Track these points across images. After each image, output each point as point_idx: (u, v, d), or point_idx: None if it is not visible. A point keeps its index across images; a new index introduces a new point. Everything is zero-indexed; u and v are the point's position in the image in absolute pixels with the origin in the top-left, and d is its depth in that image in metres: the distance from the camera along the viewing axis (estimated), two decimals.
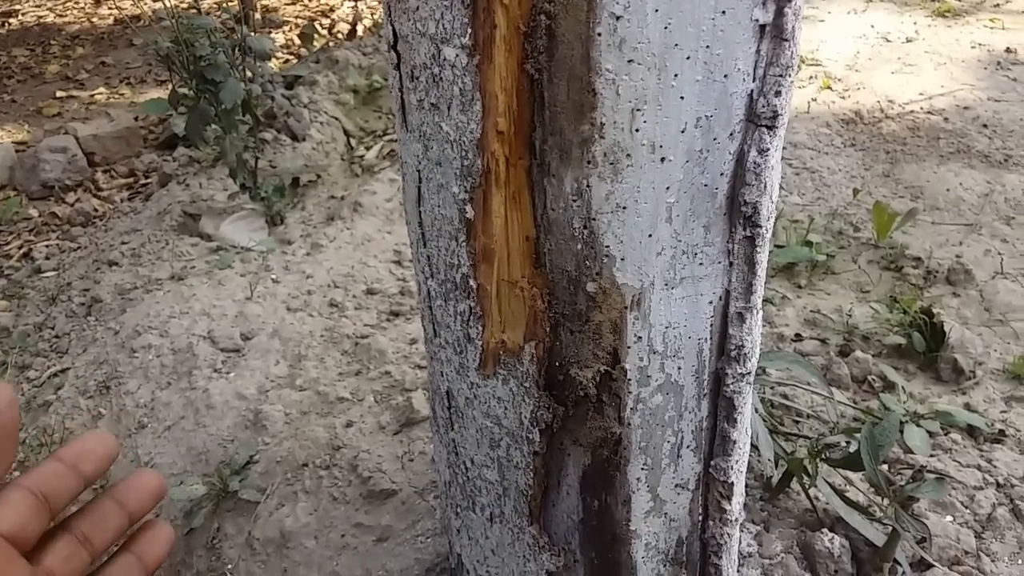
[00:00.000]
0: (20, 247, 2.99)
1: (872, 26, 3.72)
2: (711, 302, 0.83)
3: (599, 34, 0.66)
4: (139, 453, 1.84)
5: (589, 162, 0.72)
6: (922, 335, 1.87)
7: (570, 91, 0.70)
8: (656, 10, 0.65)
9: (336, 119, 3.36)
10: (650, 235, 0.77)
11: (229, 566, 1.60)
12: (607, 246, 0.77)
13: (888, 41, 3.57)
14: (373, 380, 1.92)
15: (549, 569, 1.05)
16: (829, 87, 3.19)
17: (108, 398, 2.01)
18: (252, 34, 2.54)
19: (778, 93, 0.71)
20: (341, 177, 3.07)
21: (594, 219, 0.76)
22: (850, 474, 1.50)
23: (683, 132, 0.71)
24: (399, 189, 2.78)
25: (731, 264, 0.81)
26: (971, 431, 1.66)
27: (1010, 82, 3.17)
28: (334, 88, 3.50)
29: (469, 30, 0.69)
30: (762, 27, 0.69)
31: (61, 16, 5.84)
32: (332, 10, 5.26)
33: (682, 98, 0.69)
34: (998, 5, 3.99)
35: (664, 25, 0.65)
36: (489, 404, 0.95)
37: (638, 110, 0.69)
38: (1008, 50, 3.40)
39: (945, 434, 1.64)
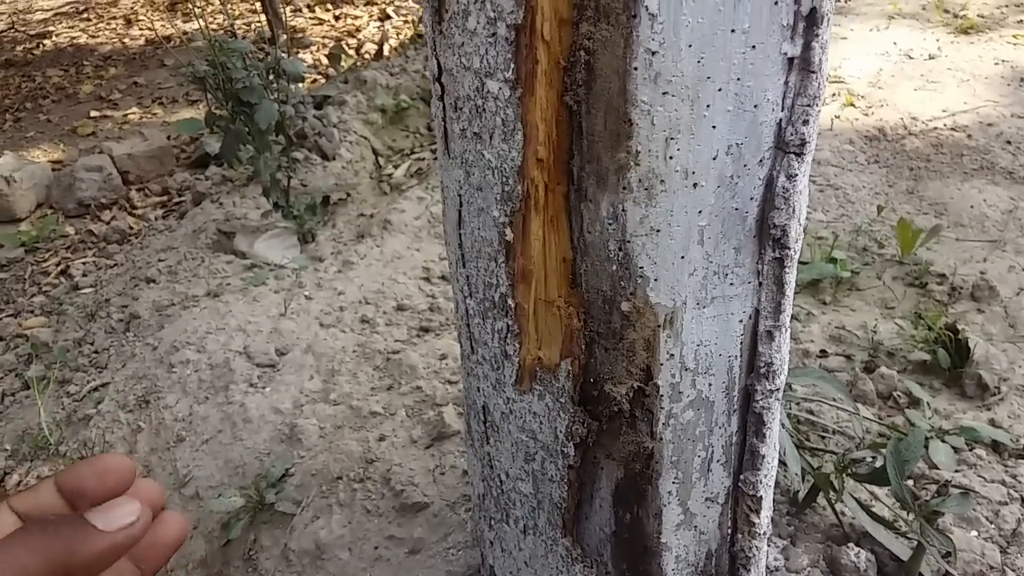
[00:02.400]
0: (58, 264, 3.07)
1: (895, 43, 3.74)
2: (741, 321, 0.87)
3: (635, 68, 0.70)
4: (178, 466, 1.89)
5: (624, 188, 0.76)
6: (947, 351, 1.89)
7: (607, 121, 0.74)
8: (690, 45, 0.69)
9: (365, 138, 3.42)
10: (682, 257, 0.80)
11: None
12: (641, 267, 0.81)
13: (911, 58, 3.58)
14: (405, 395, 1.96)
15: None
16: (852, 104, 3.21)
17: (147, 412, 2.07)
18: (286, 56, 2.60)
19: (806, 122, 0.75)
20: (370, 195, 3.13)
21: (629, 241, 0.79)
22: (876, 489, 1.52)
23: (715, 159, 0.75)
24: (427, 207, 2.83)
25: (760, 284, 0.85)
26: (996, 447, 1.68)
27: None
28: (362, 108, 3.57)
29: (512, 65, 0.73)
30: (790, 60, 0.73)
31: (94, 37, 5.98)
32: (359, 30, 5.34)
33: (714, 127, 0.73)
34: (1021, 21, 3.99)
35: (697, 59, 0.69)
36: (525, 419, 0.99)
37: (672, 139, 0.73)
38: None
39: (970, 449, 1.66)
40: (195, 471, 1.86)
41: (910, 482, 1.56)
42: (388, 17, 5.42)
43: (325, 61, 4.71)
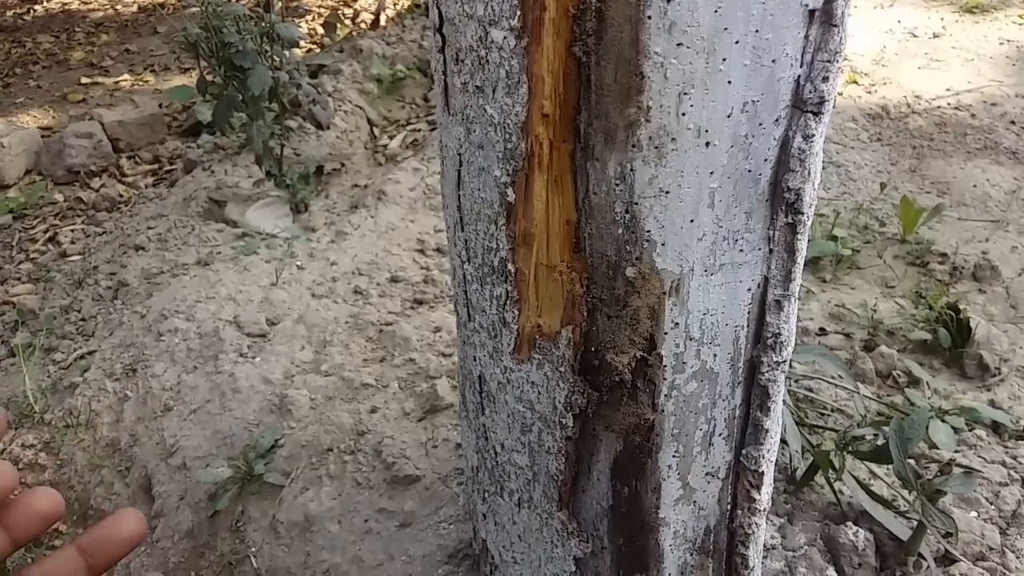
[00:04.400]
0: (46, 231, 3.01)
1: (899, 21, 3.69)
2: (749, 289, 0.84)
3: (649, 17, 0.66)
4: (165, 436, 1.86)
5: (634, 146, 0.73)
6: (948, 331, 1.86)
7: (617, 74, 0.70)
8: None
9: (360, 108, 3.37)
10: (692, 220, 0.77)
11: (253, 549, 1.61)
12: (648, 231, 0.77)
13: (915, 36, 3.54)
14: (397, 367, 1.93)
15: (576, 555, 1.05)
16: (856, 82, 3.17)
17: (134, 380, 2.03)
18: (280, 21, 2.55)
19: (825, 79, 0.71)
20: (365, 166, 3.08)
21: (636, 203, 0.76)
22: (875, 468, 1.50)
23: (729, 117, 0.71)
24: (422, 178, 2.79)
25: (771, 251, 0.81)
26: (996, 427, 1.66)
27: None
28: (358, 77, 3.51)
29: (518, 12, 0.69)
30: (811, 12, 0.69)
31: (85, 3, 5.87)
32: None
33: (729, 82, 0.69)
34: None
35: (714, 8, 0.65)
36: (522, 389, 0.96)
37: (685, 94, 0.69)
38: None
39: (970, 430, 1.63)
40: (182, 441, 1.83)
41: (911, 461, 1.54)
42: None
43: (321, 30, 4.63)
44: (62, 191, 3.31)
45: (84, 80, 4.50)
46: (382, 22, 4.51)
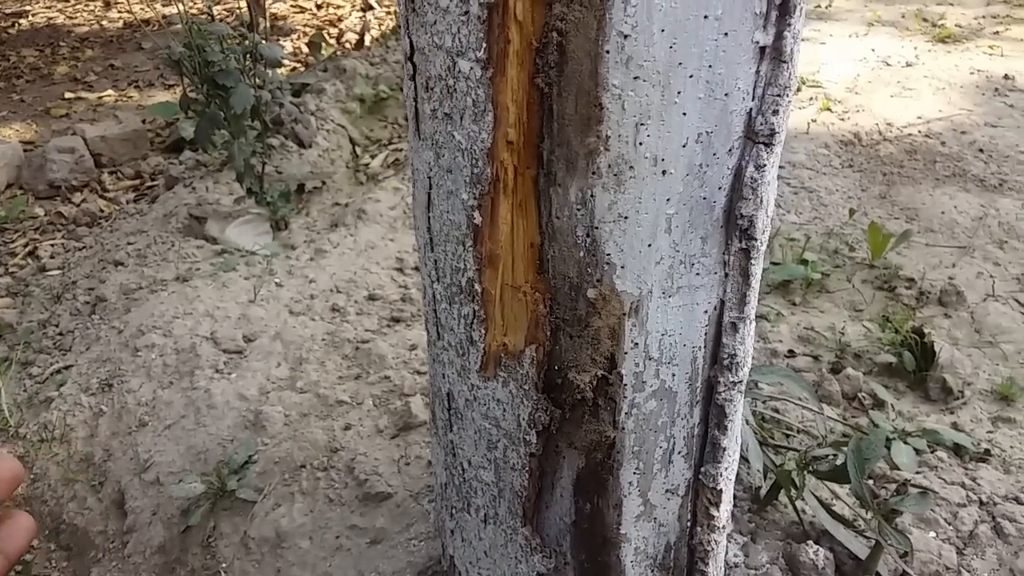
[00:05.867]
0: (25, 245, 3.02)
1: (873, 50, 3.77)
2: (706, 311, 0.87)
3: (607, 51, 0.69)
4: (139, 451, 1.87)
5: (594, 173, 0.76)
6: (913, 354, 1.91)
7: (578, 105, 0.73)
8: (662, 30, 0.68)
9: (342, 127, 3.40)
10: (649, 245, 0.80)
11: (224, 564, 1.62)
12: (608, 254, 0.80)
13: (888, 65, 3.62)
14: (372, 384, 1.95)
15: (540, 571, 1.08)
16: (829, 109, 3.23)
17: (110, 396, 2.04)
18: (263, 41, 2.58)
19: (776, 112, 0.75)
20: (346, 184, 3.10)
21: (597, 228, 0.79)
22: (836, 488, 1.53)
23: (684, 147, 0.75)
24: (403, 198, 2.82)
25: (727, 275, 0.85)
26: (957, 450, 1.69)
27: (1007, 108, 3.22)
28: (341, 97, 3.55)
29: (484, 44, 0.72)
30: (762, 49, 0.72)
31: (71, 18, 5.89)
32: (340, 20, 5.31)
33: (684, 114, 0.73)
34: (997, 32, 4.04)
35: (669, 44, 0.69)
36: (488, 406, 0.98)
37: (642, 124, 0.73)
38: (1006, 76, 3.46)
39: (932, 452, 1.67)
40: (156, 456, 1.83)
41: (871, 482, 1.57)
42: (371, 7, 5.39)
43: (305, 49, 4.67)
44: (43, 205, 3.31)
45: (68, 95, 4.51)
46: (367, 42, 4.56)
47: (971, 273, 2.29)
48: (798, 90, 3.41)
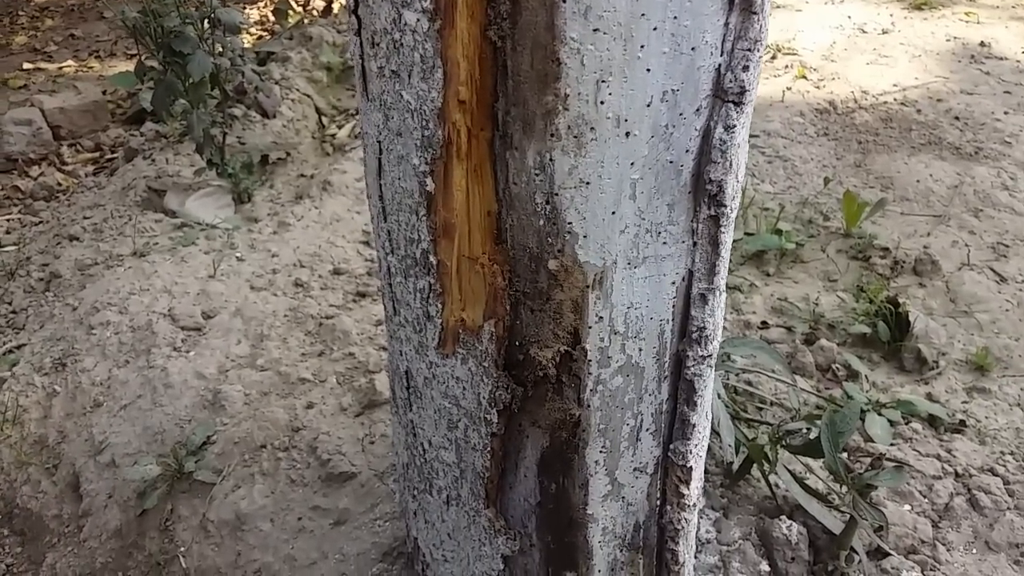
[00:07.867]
0: None
1: (849, 17, 3.72)
2: (674, 282, 0.82)
3: (564, 0, 0.64)
4: (94, 433, 1.80)
5: (552, 135, 0.70)
6: (887, 325, 1.88)
7: (534, 60, 0.68)
8: None
9: (308, 96, 3.30)
10: (613, 212, 0.75)
11: (182, 549, 1.57)
12: (569, 223, 0.75)
13: (864, 32, 3.57)
14: (336, 361, 1.89)
15: (504, 553, 1.04)
16: (804, 76, 3.18)
17: (64, 375, 1.97)
18: (221, 6, 2.48)
19: (746, 68, 0.69)
20: (311, 155, 3.02)
21: (557, 194, 0.74)
22: (810, 462, 1.50)
23: (649, 106, 0.69)
24: None
25: (695, 244, 0.80)
26: (932, 421, 1.67)
27: (983, 75, 3.18)
28: (307, 65, 3.45)
29: None
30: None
31: None
32: None
33: (648, 70, 0.67)
34: None
35: None
36: (448, 384, 0.93)
37: (603, 81, 0.67)
38: (982, 44, 3.42)
39: (906, 423, 1.65)
40: (112, 438, 1.77)
41: (845, 455, 1.54)
42: None
43: (272, 17, 4.55)
44: None
45: (26, 65, 4.37)
46: (334, 9, 4.43)
47: (946, 242, 2.27)
48: (773, 58, 3.35)
